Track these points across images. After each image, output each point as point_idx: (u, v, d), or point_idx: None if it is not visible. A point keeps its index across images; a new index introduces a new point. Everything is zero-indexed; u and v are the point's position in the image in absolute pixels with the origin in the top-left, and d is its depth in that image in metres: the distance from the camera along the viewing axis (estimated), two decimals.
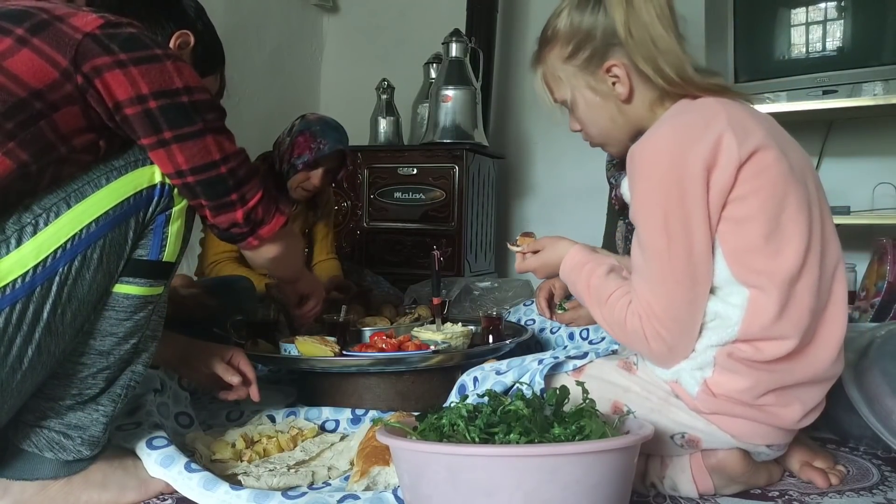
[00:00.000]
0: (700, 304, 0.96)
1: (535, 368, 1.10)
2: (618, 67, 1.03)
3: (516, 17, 3.44)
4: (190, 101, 0.94)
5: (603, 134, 1.12)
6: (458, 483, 0.79)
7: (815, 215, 0.98)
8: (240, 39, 3.10)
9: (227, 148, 0.99)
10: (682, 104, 1.02)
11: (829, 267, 0.99)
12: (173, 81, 0.93)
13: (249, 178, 1.01)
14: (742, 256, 0.94)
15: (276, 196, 1.07)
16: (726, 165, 0.92)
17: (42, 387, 0.96)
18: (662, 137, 0.96)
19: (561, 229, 3.39)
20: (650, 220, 0.96)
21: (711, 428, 1.00)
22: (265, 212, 1.04)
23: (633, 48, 1.01)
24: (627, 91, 1.04)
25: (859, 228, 2.62)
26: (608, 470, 0.81)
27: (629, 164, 0.99)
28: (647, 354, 1.01)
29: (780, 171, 0.94)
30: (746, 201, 0.93)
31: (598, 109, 1.09)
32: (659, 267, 0.95)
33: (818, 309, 0.97)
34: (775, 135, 0.98)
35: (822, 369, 0.99)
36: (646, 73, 1.01)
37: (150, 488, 1.06)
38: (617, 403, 1.04)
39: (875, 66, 2.38)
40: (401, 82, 3.23)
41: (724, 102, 0.99)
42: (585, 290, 1.06)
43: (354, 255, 2.98)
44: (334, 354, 1.43)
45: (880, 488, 1.10)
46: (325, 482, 1.12)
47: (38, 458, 0.98)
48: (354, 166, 3.00)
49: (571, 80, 1.09)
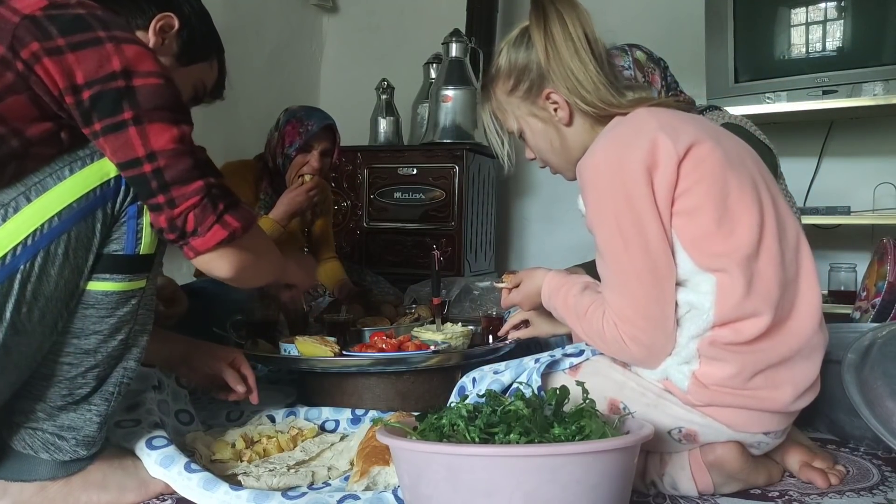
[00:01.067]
0: (668, 299, 1.00)
1: (532, 367, 1.11)
2: (555, 94, 1.13)
3: (516, 17, 3.43)
4: (126, 87, 0.86)
5: (553, 159, 1.21)
6: (458, 483, 0.79)
7: (763, 194, 1.02)
8: (239, 39, 3.09)
9: (155, 143, 0.88)
10: (616, 120, 1.10)
11: (791, 241, 1.03)
12: (110, 65, 0.85)
13: (183, 180, 0.90)
14: (700, 244, 0.98)
15: (226, 205, 0.94)
16: (667, 163, 0.98)
17: (31, 388, 0.95)
18: (601, 150, 1.04)
19: (561, 229, 3.43)
20: (603, 227, 1.01)
21: (707, 420, 1.01)
22: (198, 222, 0.92)
23: (556, 80, 1.11)
24: (567, 115, 1.14)
25: (860, 229, 2.62)
26: (608, 470, 0.81)
27: (579, 181, 1.07)
28: (631, 359, 1.04)
29: (716, 159, 1.00)
30: (692, 192, 0.99)
31: (543, 135, 1.18)
32: (620, 270, 1.00)
33: (787, 282, 1.00)
34: (706, 129, 1.05)
35: (804, 340, 1.00)
36: (570, 102, 1.12)
37: (150, 489, 1.06)
38: (613, 400, 1.05)
39: (875, 66, 2.37)
40: (401, 82, 3.23)
41: (653, 110, 1.07)
42: (564, 310, 1.13)
43: (354, 255, 2.98)
44: (334, 354, 1.42)
45: (880, 488, 1.10)
46: (325, 482, 1.12)
47: (35, 459, 0.98)
48: (354, 166, 3.00)
49: (516, 112, 1.19)
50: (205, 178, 0.92)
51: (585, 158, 1.06)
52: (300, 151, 2.05)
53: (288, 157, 2.06)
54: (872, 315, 1.77)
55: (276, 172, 2.11)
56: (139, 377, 1.19)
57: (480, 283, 2.68)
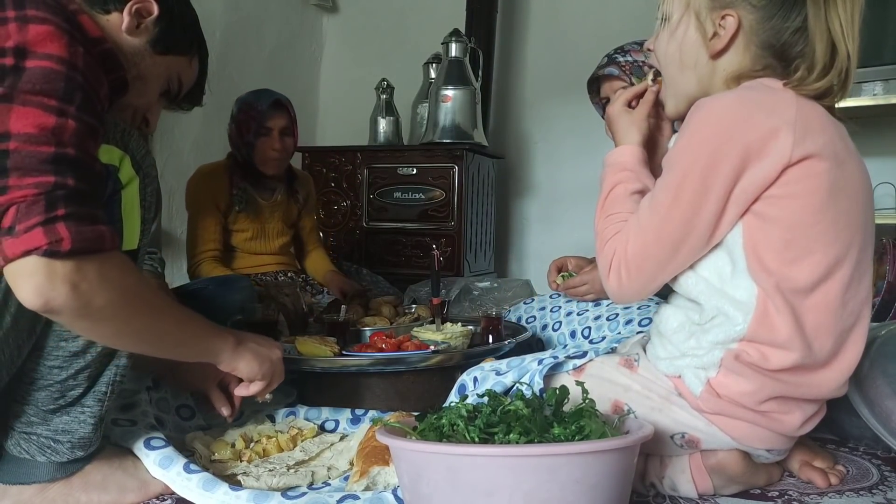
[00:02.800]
0: (669, 271, 0.99)
1: (535, 368, 1.10)
2: (731, 18, 0.99)
3: (516, 17, 3.44)
4: (14, 66, 0.77)
5: (669, 68, 1.07)
6: (458, 483, 0.79)
7: (855, 238, 0.96)
8: (239, 39, 3.10)
9: (14, 125, 0.76)
10: (760, 82, 0.99)
11: (862, 293, 0.98)
12: (5, 41, 0.78)
13: (27, 169, 0.76)
14: (759, 252, 0.94)
15: (69, 213, 0.77)
16: (774, 159, 0.91)
17: (23, 393, 0.95)
18: (731, 103, 0.94)
19: (560, 229, 3.42)
20: (671, 173, 0.97)
21: (712, 429, 1.00)
22: (18, 219, 0.75)
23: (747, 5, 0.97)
24: (723, 46, 1.00)
25: None
26: (608, 470, 0.80)
27: (690, 114, 0.98)
28: (603, 284, 1.05)
29: (825, 182, 0.92)
30: (780, 202, 0.92)
31: (685, 45, 1.04)
32: (652, 217, 0.97)
33: (840, 333, 0.96)
34: (837, 146, 0.95)
35: (827, 391, 0.99)
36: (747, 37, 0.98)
37: (151, 489, 1.06)
38: (617, 402, 1.04)
39: (875, 66, 2.38)
40: (400, 82, 3.24)
41: (801, 100, 0.95)
42: (608, 189, 1.09)
43: (354, 254, 2.98)
44: (334, 354, 1.43)
45: (880, 488, 1.09)
46: (324, 482, 1.12)
47: (32, 462, 0.97)
48: (354, 166, 3.00)
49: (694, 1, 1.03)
50: (59, 175, 0.77)
51: (711, 99, 0.96)
52: (259, 136, 2.10)
53: (250, 145, 2.10)
54: (871, 315, 1.77)
55: (247, 164, 2.15)
56: (133, 377, 1.17)
57: (480, 282, 2.68)
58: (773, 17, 0.97)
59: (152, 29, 1.05)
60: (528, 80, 3.47)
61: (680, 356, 1.01)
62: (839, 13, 0.95)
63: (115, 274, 0.83)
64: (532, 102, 3.46)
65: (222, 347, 1.05)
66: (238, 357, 1.07)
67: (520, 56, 3.45)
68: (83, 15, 0.93)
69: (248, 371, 1.09)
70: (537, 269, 3.43)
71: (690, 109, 0.98)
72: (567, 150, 3.29)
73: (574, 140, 3.26)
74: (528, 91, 3.47)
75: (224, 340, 1.05)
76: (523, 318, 1.86)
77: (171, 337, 0.96)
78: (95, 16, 0.99)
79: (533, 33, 3.42)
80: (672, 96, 1.09)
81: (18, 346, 0.90)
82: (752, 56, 1.00)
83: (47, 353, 0.93)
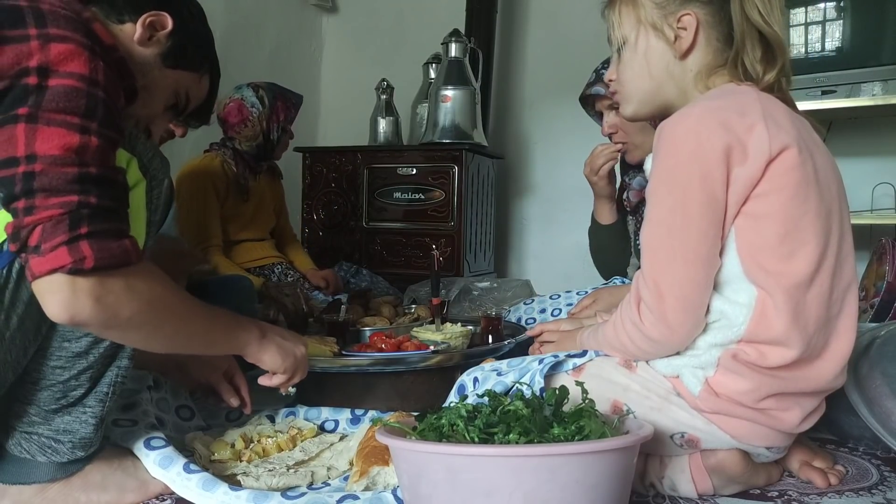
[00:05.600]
0: (708, 286, 0.96)
1: (535, 368, 1.10)
2: (689, 17, 1.02)
3: (516, 17, 3.44)
4: (37, 85, 0.79)
5: (634, 84, 1.09)
6: (458, 483, 0.79)
7: (834, 225, 0.97)
8: (239, 39, 3.10)
9: (40, 146, 0.78)
10: (721, 89, 1.02)
11: (844, 280, 0.99)
12: (27, 61, 0.79)
13: (53, 190, 0.78)
14: (755, 254, 0.94)
15: (92, 231, 0.79)
16: (756, 158, 0.92)
17: (25, 392, 0.95)
18: (696, 117, 0.95)
19: (560, 229, 3.43)
20: (668, 198, 0.96)
21: (711, 427, 1.00)
22: (43, 238, 0.77)
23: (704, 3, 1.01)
24: (690, 44, 1.02)
25: (859, 229, 2.60)
26: (607, 470, 0.81)
27: (656, 140, 0.99)
28: (646, 344, 0.99)
29: (805, 172, 0.94)
30: (769, 198, 0.93)
31: (650, 56, 1.06)
32: (670, 245, 0.95)
33: (828, 320, 0.97)
34: (804, 136, 0.98)
35: (824, 382, 0.99)
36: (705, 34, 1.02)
37: (150, 489, 1.06)
38: (617, 402, 1.04)
39: (874, 67, 2.38)
40: (400, 82, 3.24)
41: (763, 95, 0.98)
42: (604, 339, 1.08)
43: (354, 255, 2.98)
44: (334, 354, 1.42)
45: (879, 488, 1.10)
46: (324, 482, 1.12)
47: (32, 462, 0.97)
48: (354, 166, 3.00)
49: (642, 13, 1.05)
50: (83, 195, 0.79)
51: (675, 119, 0.97)
52: (286, 128, 2.33)
53: (284, 130, 2.31)
54: (871, 315, 1.77)
55: (253, 153, 2.27)
56: (134, 377, 1.18)
57: (480, 283, 2.68)
58: (722, 9, 1.01)
59: (164, 42, 1.07)
60: (527, 80, 3.47)
61: (678, 356, 1.01)
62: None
63: (142, 285, 0.86)
64: (532, 102, 3.46)
65: (248, 340, 1.07)
66: (263, 350, 1.09)
67: (519, 56, 3.45)
68: (96, 23, 0.94)
69: (272, 364, 1.11)
70: (537, 269, 3.43)
71: (658, 132, 0.98)
72: (566, 150, 3.29)
73: (574, 140, 3.26)
74: (527, 91, 3.47)
75: (249, 333, 1.08)
76: (523, 320, 1.87)
77: (200, 337, 0.99)
78: (109, 25, 1.01)
79: (533, 33, 3.42)
80: (633, 103, 1.10)
81: (24, 347, 0.90)
82: (714, 50, 1.03)
83: (50, 353, 0.93)
